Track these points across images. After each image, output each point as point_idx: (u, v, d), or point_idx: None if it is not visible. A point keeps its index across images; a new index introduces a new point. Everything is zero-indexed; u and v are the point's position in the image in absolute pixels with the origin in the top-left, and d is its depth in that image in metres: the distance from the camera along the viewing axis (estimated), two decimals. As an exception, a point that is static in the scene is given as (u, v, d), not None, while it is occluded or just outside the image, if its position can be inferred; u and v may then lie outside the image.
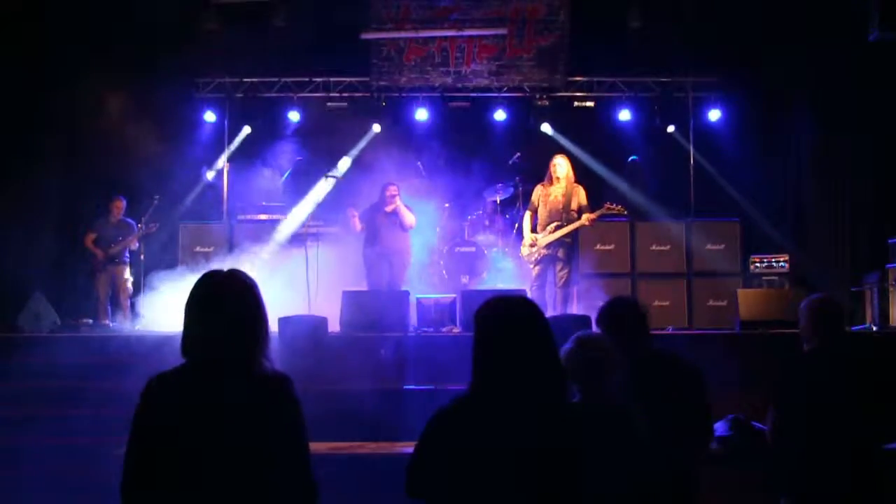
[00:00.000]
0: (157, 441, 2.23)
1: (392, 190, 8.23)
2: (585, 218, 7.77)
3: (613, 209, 7.78)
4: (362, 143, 10.17)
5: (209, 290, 2.38)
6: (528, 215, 8.16)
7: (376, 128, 10.19)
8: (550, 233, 7.84)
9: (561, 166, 7.95)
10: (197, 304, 2.36)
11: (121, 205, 8.95)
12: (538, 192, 8.10)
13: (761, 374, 3.75)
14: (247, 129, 10.23)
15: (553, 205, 7.91)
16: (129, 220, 8.95)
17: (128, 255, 8.93)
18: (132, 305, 8.68)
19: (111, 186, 9.10)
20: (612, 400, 2.90)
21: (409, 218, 8.24)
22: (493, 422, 2.22)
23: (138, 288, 8.73)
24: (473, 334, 2.35)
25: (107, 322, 8.56)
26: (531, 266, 8.03)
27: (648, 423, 2.88)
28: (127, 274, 8.86)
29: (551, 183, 8.00)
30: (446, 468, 2.24)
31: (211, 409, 2.25)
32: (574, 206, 7.87)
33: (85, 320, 8.38)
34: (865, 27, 7.96)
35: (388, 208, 8.18)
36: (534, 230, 8.04)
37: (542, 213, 7.97)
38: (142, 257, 8.96)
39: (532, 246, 7.95)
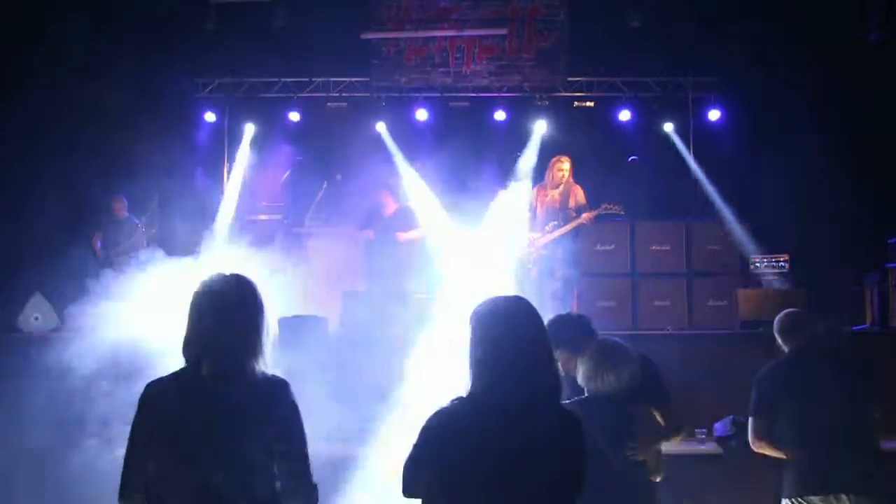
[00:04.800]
0: (155, 445, 2.23)
1: (391, 204, 8.32)
2: (583, 217, 7.77)
3: (611, 209, 7.78)
4: (390, 143, 10.08)
5: (211, 294, 2.38)
6: (526, 217, 8.15)
7: (380, 126, 10.16)
8: (548, 233, 7.84)
9: (564, 171, 7.94)
10: (199, 309, 2.37)
11: (120, 205, 8.94)
12: (535, 192, 8.10)
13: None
14: (251, 130, 10.21)
15: (550, 205, 7.92)
16: (134, 219, 8.93)
17: (132, 253, 8.88)
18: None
19: (111, 186, 9.09)
20: (618, 397, 3.01)
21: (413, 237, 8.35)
22: (487, 422, 2.22)
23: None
24: (469, 334, 2.35)
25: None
26: (529, 267, 8.04)
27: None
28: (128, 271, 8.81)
29: (550, 185, 7.99)
30: (441, 468, 2.24)
31: (210, 413, 2.25)
32: (572, 204, 7.87)
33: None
34: (865, 27, 7.96)
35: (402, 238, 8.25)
36: (531, 230, 8.04)
37: (539, 214, 7.97)
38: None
39: (530, 246, 7.95)
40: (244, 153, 10.12)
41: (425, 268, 8.40)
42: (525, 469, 2.19)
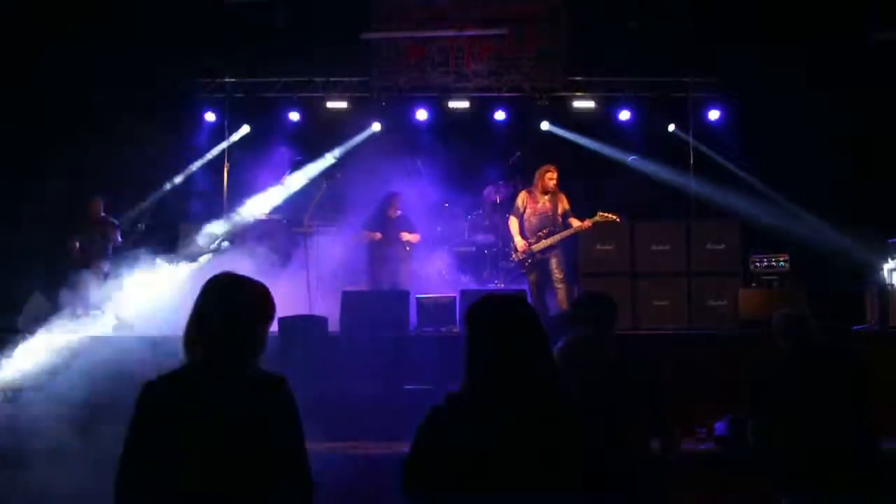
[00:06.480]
0: (153, 442, 2.24)
1: (394, 208, 8.50)
2: (577, 226, 7.81)
3: (607, 217, 7.79)
4: (357, 139, 10.15)
5: (216, 293, 2.40)
6: (514, 221, 8.12)
7: (376, 126, 10.16)
8: (544, 237, 7.87)
9: (555, 179, 7.99)
10: (203, 308, 2.38)
11: (97, 206, 8.77)
12: (523, 197, 8.11)
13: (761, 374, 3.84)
14: (245, 128, 10.22)
15: (542, 210, 7.97)
16: (111, 219, 8.80)
17: (109, 253, 8.75)
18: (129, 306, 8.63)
19: (110, 186, 9.08)
20: (599, 399, 3.00)
21: (414, 240, 8.52)
22: (484, 421, 2.22)
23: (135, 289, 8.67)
24: (465, 332, 2.35)
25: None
26: (525, 273, 8.06)
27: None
28: (105, 270, 8.70)
29: (539, 191, 8.02)
30: (440, 467, 2.23)
31: (209, 411, 2.26)
32: (560, 211, 7.97)
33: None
34: (865, 27, 7.95)
35: (406, 241, 8.44)
36: (522, 235, 8.03)
37: (531, 219, 7.99)
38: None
39: (524, 252, 7.94)
40: (225, 145, 10.12)
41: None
42: (520, 467, 2.18)
